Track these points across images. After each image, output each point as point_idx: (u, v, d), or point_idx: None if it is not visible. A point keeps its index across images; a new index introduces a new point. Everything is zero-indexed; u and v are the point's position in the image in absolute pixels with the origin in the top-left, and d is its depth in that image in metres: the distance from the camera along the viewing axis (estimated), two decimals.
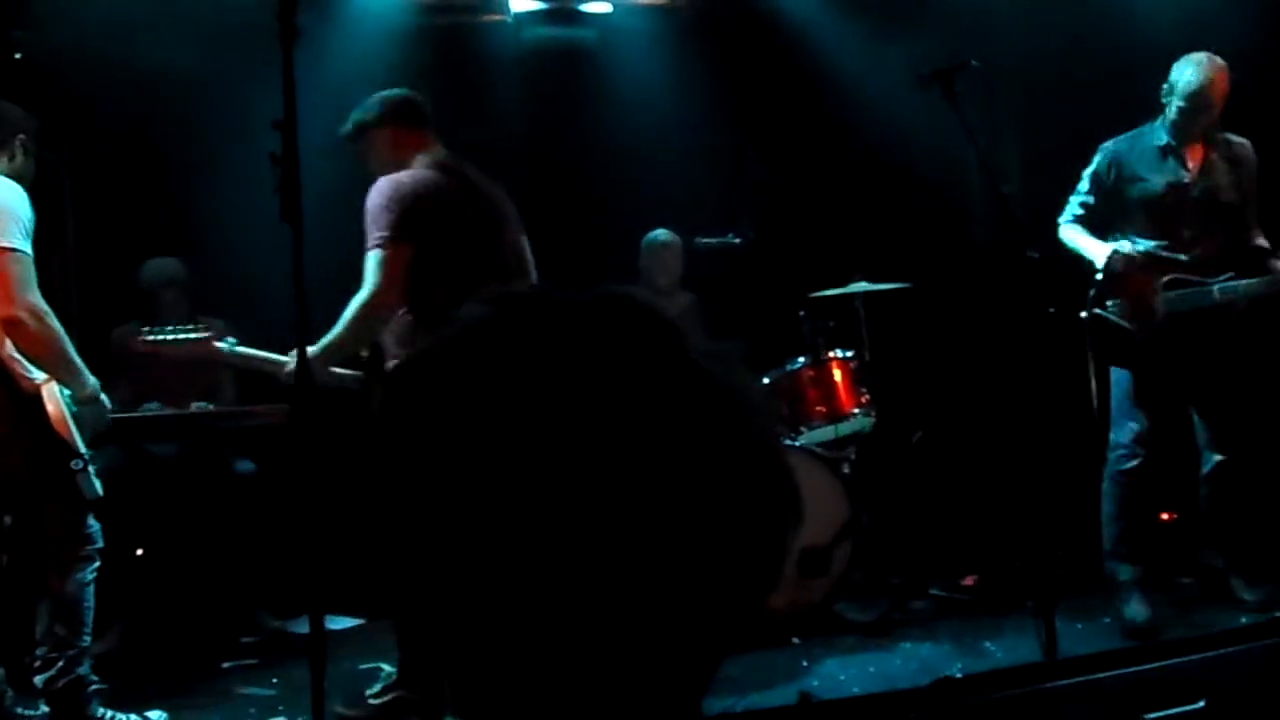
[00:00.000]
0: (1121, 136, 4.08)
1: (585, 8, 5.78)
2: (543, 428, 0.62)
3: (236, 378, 4.60)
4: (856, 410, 4.47)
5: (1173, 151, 3.96)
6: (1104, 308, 3.98)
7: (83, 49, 4.74)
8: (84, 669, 3.29)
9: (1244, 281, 3.88)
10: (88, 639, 3.32)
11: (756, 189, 5.61)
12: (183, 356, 4.44)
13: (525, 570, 0.62)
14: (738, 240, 4.92)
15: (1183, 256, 3.94)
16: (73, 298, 4.56)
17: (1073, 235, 4.09)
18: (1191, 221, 3.94)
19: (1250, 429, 4.06)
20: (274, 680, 3.90)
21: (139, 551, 4.26)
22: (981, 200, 5.46)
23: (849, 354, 4.54)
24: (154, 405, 4.27)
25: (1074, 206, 4.12)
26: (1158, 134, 3.98)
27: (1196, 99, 3.82)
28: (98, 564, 3.35)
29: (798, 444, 4.35)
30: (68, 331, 3.34)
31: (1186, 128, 3.90)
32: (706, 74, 5.69)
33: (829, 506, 4.20)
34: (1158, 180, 3.96)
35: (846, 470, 4.39)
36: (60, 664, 3.24)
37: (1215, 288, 3.88)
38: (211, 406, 4.35)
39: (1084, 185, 4.11)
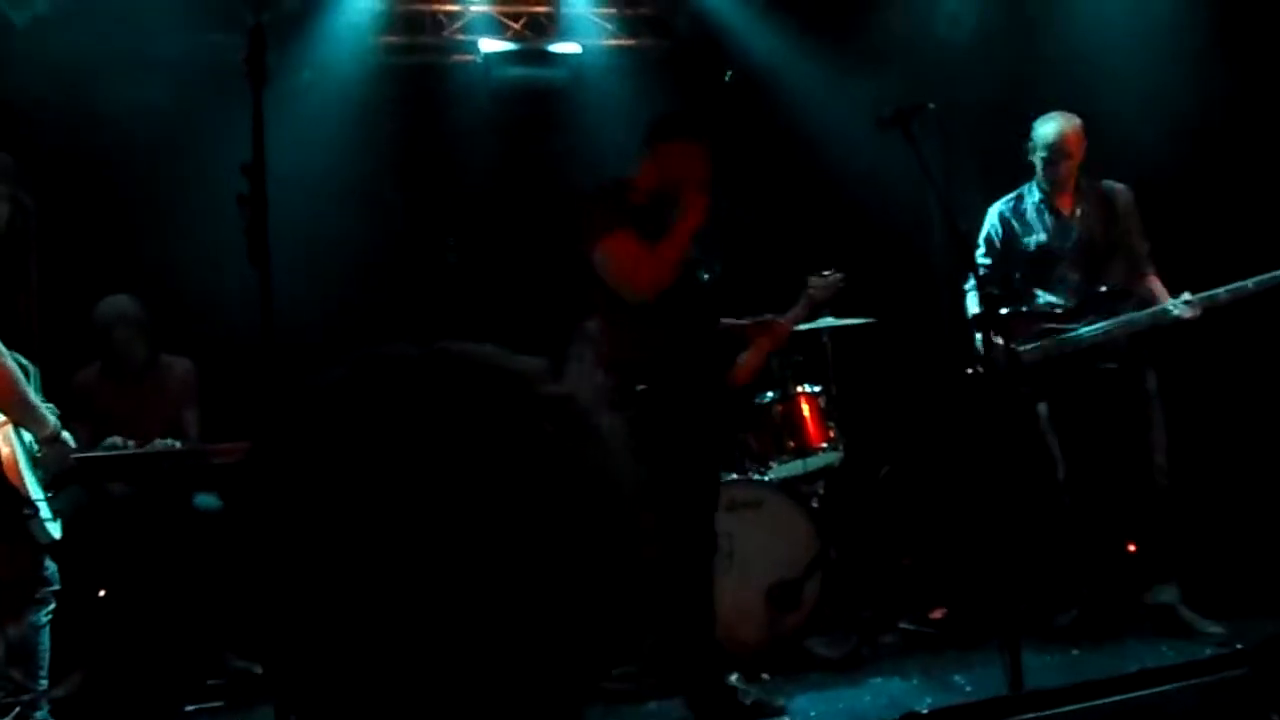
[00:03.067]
0: (1005, 198, 4.41)
1: (555, 48, 5.83)
2: (381, 476, 0.67)
3: (201, 417, 4.57)
4: (825, 445, 4.50)
5: (1047, 205, 4.27)
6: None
7: (49, 89, 4.73)
8: (42, 714, 3.23)
9: (1110, 321, 4.09)
10: (44, 683, 3.26)
11: (724, 227, 5.66)
12: (145, 396, 4.45)
13: (370, 608, 0.65)
14: (706, 276, 4.95)
15: (1065, 304, 4.18)
16: (35, 340, 4.53)
17: (966, 306, 4.39)
18: (1071, 268, 4.21)
19: (1194, 459, 4.20)
20: None
21: (101, 593, 4.20)
22: (942, 238, 5.54)
23: (817, 389, 4.57)
24: (115, 440, 4.23)
25: (977, 267, 4.31)
26: (1033, 192, 4.33)
27: (1054, 150, 4.18)
28: (53, 606, 3.30)
29: (767, 479, 4.37)
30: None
31: (1052, 179, 4.24)
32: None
33: (798, 541, 4.22)
34: (1038, 234, 4.27)
35: (815, 505, 4.41)
36: (16, 709, 3.18)
37: (1082, 330, 4.11)
38: (177, 444, 4.31)
39: (980, 249, 4.41)
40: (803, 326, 4.70)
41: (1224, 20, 4.98)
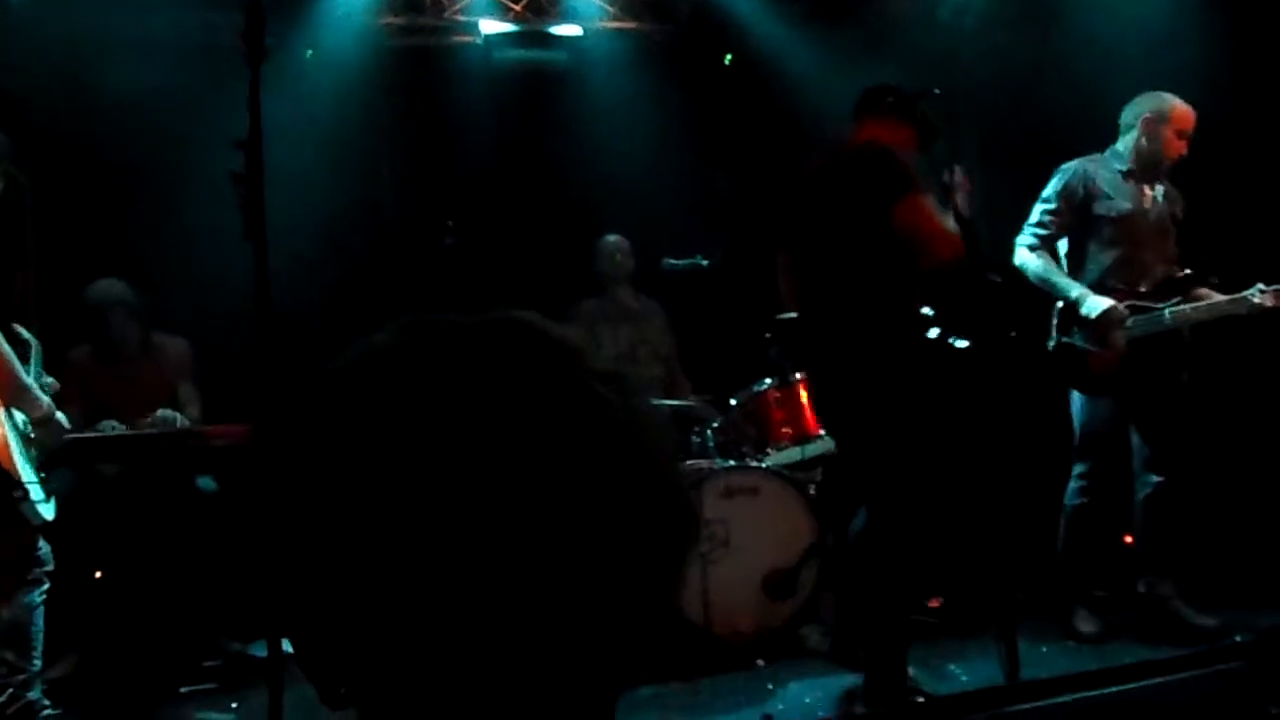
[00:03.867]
0: (1083, 158, 4.21)
1: (556, 30, 5.80)
2: (434, 449, 0.64)
3: (201, 395, 4.56)
4: (822, 432, 4.48)
5: (1133, 178, 4.13)
6: (1070, 335, 4.09)
7: (44, 68, 4.70)
8: (35, 694, 3.23)
9: (1191, 305, 4.01)
10: (38, 664, 3.26)
11: (725, 211, 5.65)
12: (138, 377, 4.43)
13: (418, 589, 0.63)
14: (706, 263, 4.94)
15: (1141, 283, 4.07)
16: (32, 317, 4.51)
17: (1042, 264, 4.12)
18: (1150, 245, 4.11)
19: (1192, 451, 4.15)
20: (233, 705, 3.84)
21: (97, 574, 4.19)
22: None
23: None
24: (111, 423, 4.21)
25: (1036, 221, 4.17)
26: (1113, 162, 4.17)
27: (1175, 124, 4.05)
28: (47, 586, 3.29)
29: (764, 465, 4.36)
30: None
31: (1152, 153, 4.09)
32: (676, 98, 5.74)
33: (795, 528, 4.21)
34: (1123, 202, 4.11)
35: (812, 492, 4.40)
36: (10, 690, 3.17)
37: (1167, 311, 4.02)
38: (179, 416, 4.29)
39: (1049, 200, 4.16)
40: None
41: (1234, 6, 4.95)
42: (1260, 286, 3.97)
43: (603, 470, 0.66)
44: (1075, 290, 4.04)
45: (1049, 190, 4.18)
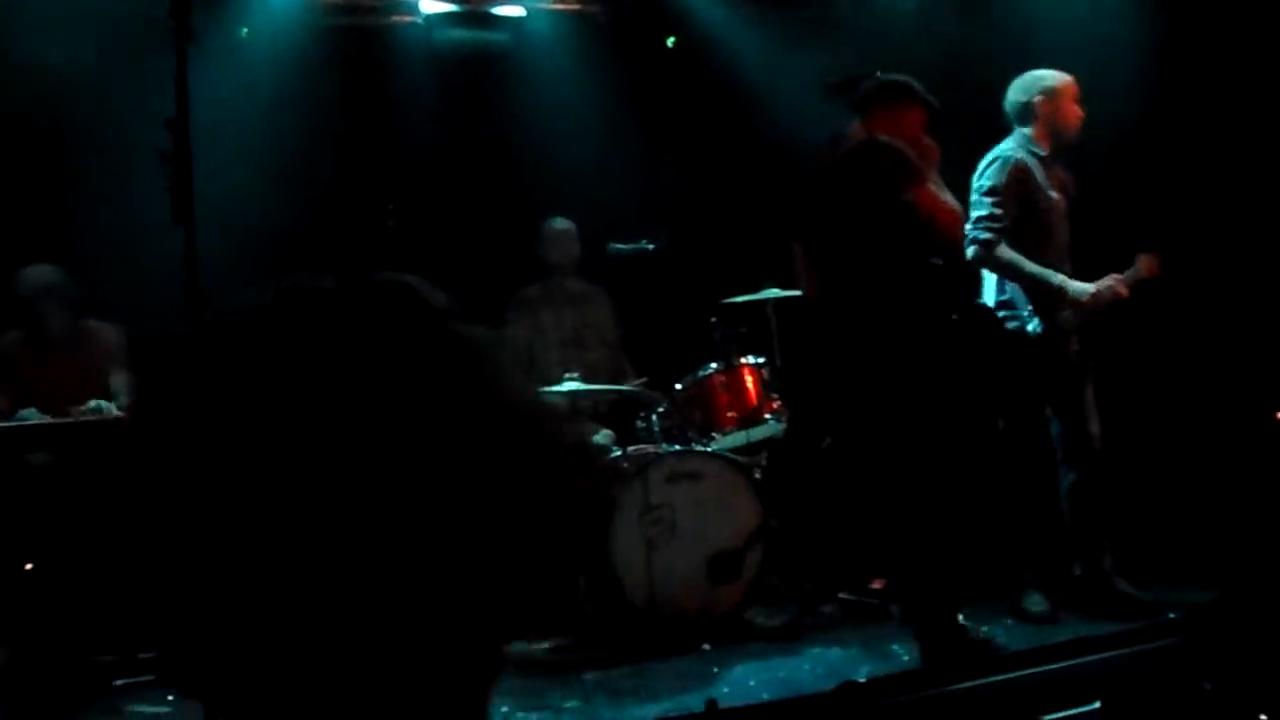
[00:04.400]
0: (1011, 145, 4.13)
1: (498, 10, 5.73)
2: (306, 409, 0.62)
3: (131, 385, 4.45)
4: (768, 416, 4.50)
5: (1045, 165, 4.13)
6: (1055, 318, 4.06)
7: None
8: None
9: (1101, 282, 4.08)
10: None
11: (670, 195, 5.63)
12: (69, 364, 4.32)
13: (285, 553, 0.61)
14: (651, 246, 4.92)
15: (1066, 267, 4.12)
16: None
17: (1013, 258, 4.04)
18: (1065, 230, 4.17)
19: (1110, 438, 4.21)
20: (169, 697, 3.77)
21: (28, 566, 4.08)
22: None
23: (760, 360, 4.57)
24: (30, 412, 4.10)
25: (990, 224, 4.03)
26: (1027, 147, 4.13)
27: (1064, 101, 4.10)
28: None
29: (709, 450, 4.36)
30: None
31: (1059, 135, 4.12)
32: (620, 80, 5.70)
33: (740, 512, 4.22)
34: (1052, 192, 4.12)
35: (757, 476, 4.42)
36: None
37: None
38: (112, 406, 4.19)
39: (993, 200, 4.04)
40: (747, 297, 4.69)
41: None
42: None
43: (474, 432, 0.65)
44: (1056, 277, 4.03)
45: (992, 181, 4.06)
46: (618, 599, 4.06)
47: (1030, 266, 4.04)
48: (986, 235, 4.02)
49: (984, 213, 4.05)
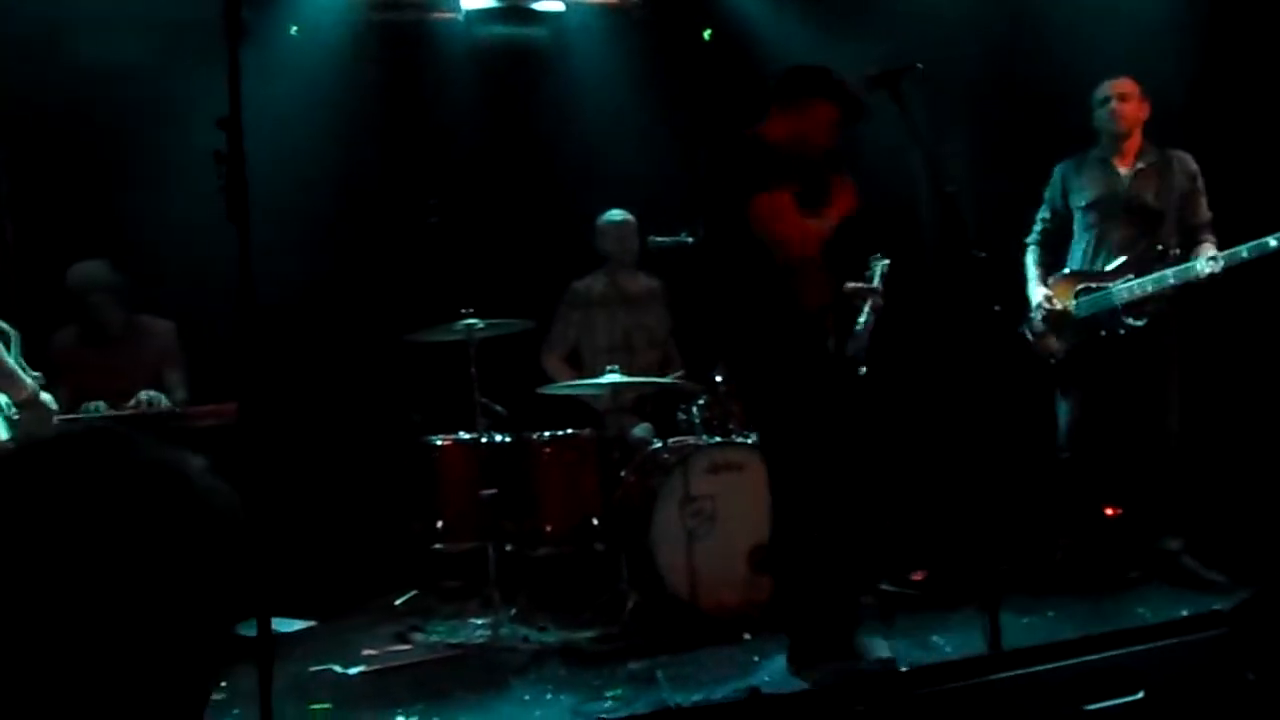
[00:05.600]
0: (1071, 157, 4.47)
1: (537, 6, 5.75)
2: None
3: (187, 379, 4.54)
4: None
5: (1104, 163, 4.34)
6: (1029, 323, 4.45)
7: (21, 44, 4.64)
8: None
9: (1140, 279, 4.19)
10: None
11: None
12: (124, 359, 4.41)
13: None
14: (691, 239, 4.93)
15: (1107, 264, 4.27)
16: (11, 299, 4.48)
17: (1027, 264, 4.51)
18: (1120, 227, 4.29)
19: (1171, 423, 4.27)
20: (223, 684, 3.84)
21: None
22: (928, 200, 5.53)
23: None
24: (99, 405, 4.20)
25: (1036, 224, 4.53)
26: (1095, 150, 4.40)
27: (1099, 103, 4.30)
28: None
29: (750, 441, 4.38)
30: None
31: (1105, 134, 4.33)
32: (658, 72, 5.71)
33: None
34: (1088, 192, 4.35)
35: None
36: None
37: (1114, 288, 4.22)
38: (163, 397, 4.28)
39: (1043, 205, 4.53)
40: None
41: None
42: (1210, 253, 4.12)
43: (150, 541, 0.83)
44: (1032, 291, 4.48)
45: (1044, 194, 4.55)
46: (659, 589, 4.09)
47: (1027, 274, 4.57)
48: (1028, 235, 4.59)
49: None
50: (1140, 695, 1.75)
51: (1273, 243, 3.94)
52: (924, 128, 3.33)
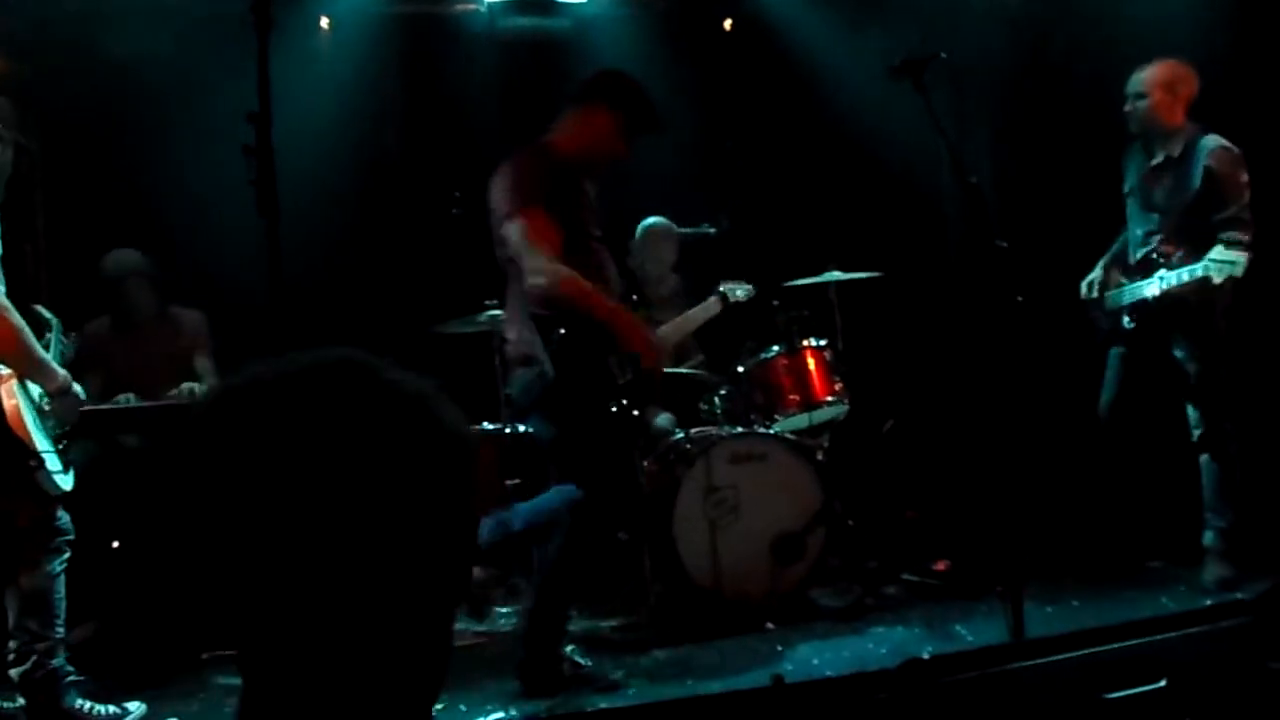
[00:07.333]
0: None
1: None
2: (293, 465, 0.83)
3: (216, 367, 4.59)
4: (830, 398, 4.51)
5: (1141, 152, 4.26)
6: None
7: (53, 37, 4.70)
8: (59, 661, 3.28)
9: (1133, 285, 4.16)
10: (61, 631, 3.30)
11: (732, 179, 5.63)
12: (156, 348, 4.47)
13: (293, 559, 0.81)
14: (713, 230, 4.94)
15: (1146, 254, 4.17)
16: (44, 289, 4.54)
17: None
18: (1149, 219, 4.20)
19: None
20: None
21: (115, 544, 4.24)
22: (951, 190, 5.51)
23: (823, 343, 4.58)
24: (129, 397, 4.25)
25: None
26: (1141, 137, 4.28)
27: (1128, 92, 4.16)
28: (67, 555, 3.33)
29: (772, 432, 4.39)
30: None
31: (1133, 123, 4.20)
32: (681, 65, 5.70)
33: (802, 493, 4.25)
34: (1128, 181, 4.29)
35: (820, 458, 4.44)
36: (34, 657, 3.23)
37: (1146, 283, 4.11)
38: (197, 387, 4.33)
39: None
40: (809, 280, 4.69)
41: None
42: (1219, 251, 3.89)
43: (414, 465, 0.85)
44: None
45: None
46: (682, 579, 4.11)
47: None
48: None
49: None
50: (1163, 684, 1.75)
51: (1199, 271, 3.80)
52: (947, 117, 3.32)
